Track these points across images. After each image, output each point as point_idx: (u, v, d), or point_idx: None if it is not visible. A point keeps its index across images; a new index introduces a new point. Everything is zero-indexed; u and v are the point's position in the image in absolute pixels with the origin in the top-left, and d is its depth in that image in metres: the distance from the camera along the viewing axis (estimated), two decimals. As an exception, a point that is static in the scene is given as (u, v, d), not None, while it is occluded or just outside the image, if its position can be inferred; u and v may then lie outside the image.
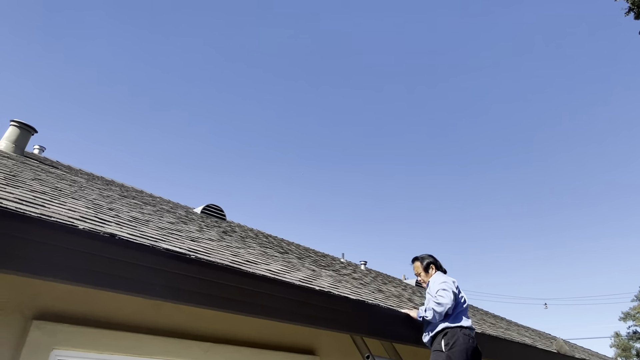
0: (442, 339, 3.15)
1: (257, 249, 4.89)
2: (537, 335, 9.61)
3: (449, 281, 3.36)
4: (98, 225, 2.28)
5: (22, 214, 1.73)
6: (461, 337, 3.11)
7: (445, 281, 3.36)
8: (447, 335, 3.15)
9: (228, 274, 2.31)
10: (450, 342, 3.09)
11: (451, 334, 3.14)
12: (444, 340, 3.14)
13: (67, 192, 3.54)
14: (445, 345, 3.10)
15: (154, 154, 42.39)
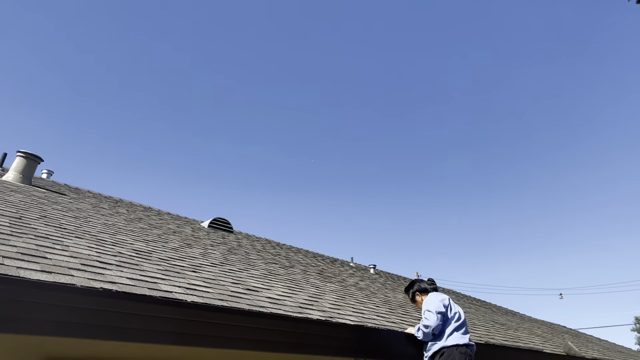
0: (439, 359, 3.20)
1: (261, 269, 4.97)
2: (551, 330, 9.58)
3: (436, 301, 3.42)
4: (98, 274, 2.38)
5: (18, 279, 1.82)
6: (457, 356, 3.15)
7: (433, 302, 3.44)
8: (444, 355, 3.20)
9: (224, 314, 2.39)
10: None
11: (447, 354, 3.18)
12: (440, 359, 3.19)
13: (71, 229, 3.65)
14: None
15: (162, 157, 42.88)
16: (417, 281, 3.86)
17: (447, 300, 3.49)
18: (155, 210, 8.37)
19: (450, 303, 3.49)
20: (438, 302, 3.40)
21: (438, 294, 3.58)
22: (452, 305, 3.48)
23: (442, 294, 3.58)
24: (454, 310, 3.44)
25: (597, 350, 7.87)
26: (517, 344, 5.09)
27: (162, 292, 2.35)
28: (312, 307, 3.40)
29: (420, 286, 3.79)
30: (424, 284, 3.80)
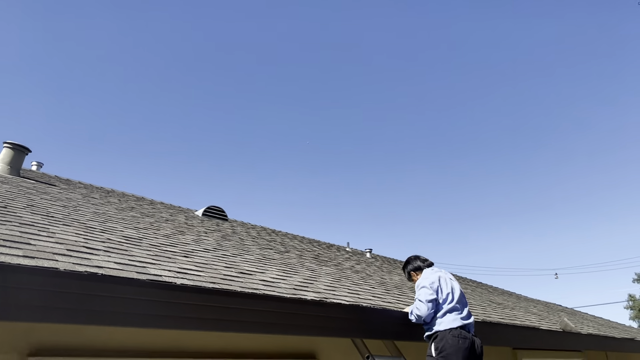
0: (433, 344, 3.16)
1: (255, 254, 4.93)
2: (546, 309, 9.67)
3: (426, 286, 3.34)
4: (84, 259, 2.32)
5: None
6: (450, 340, 3.08)
7: (423, 286, 3.36)
8: (437, 339, 3.15)
9: (215, 295, 2.34)
10: (440, 346, 3.09)
11: (440, 338, 3.13)
12: (434, 344, 3.15)
13: (59, 217, 3.58)
14: (435, 350, 3.11)
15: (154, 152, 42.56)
16: (412, 259, 3.81)
17: (438, 280, 3.39)
18: (148, 199, 8.28)
19: (441, 283, 3.38)
20: (428, 287, 3.32)
21: (431, 274, 3.50)
22: (444, 286, 3.37)
23: (434, 273, 3.50)
24: (446, 291, 3.34)
25: (592, 327, 7.95)
26: (513, 321, 5.11)
27: (150, 276, 2.30)
28: (306, 289, 3.37)
29: (414, 265, 3.75)
30: (417, 262, 3.74)
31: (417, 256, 3.83)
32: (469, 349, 3.09)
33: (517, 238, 70.57)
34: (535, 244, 69.79)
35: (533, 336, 4.98)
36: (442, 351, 3.06)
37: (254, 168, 46.54)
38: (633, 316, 44.42)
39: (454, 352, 3.03)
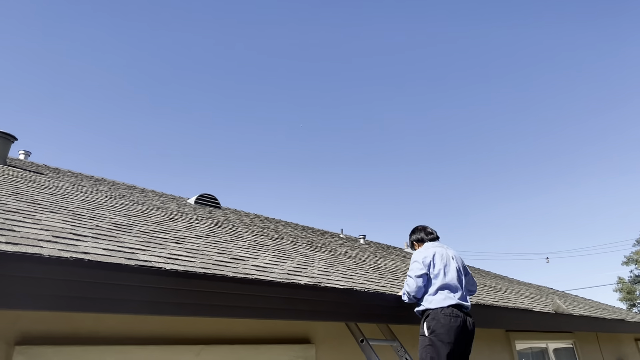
0: (425, 322, 3.12)
1: (249, 240, 4.89)
2: (538, 292, 9.78)
3: (419, 261, 3.28)
4: (70, 245, 2.25)
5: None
6: (442, 319, 3.03)
7: (416, 260, 3.31)
8: (429, 318, 3.11)
9: (206, 281, 2.29)
10: (431, 325, 3.05)
11: (432, 317, 3.08)
12: (426, 324, 3.10)
13: (45, 204, 3.49)
14: (427, 329, 3.07)
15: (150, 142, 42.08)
16: (417, 229, 3.69)
17: (432, 256, 3.29)
18: (139, 188, 8.18)
19: (435, 258, 3.28)
20: (419, 262, 3.26)
21: (427, 248, 3.40)
22: (438, 261, 3.26)
23: (432, 248, 3.40)
24: (439, 266, 3.23)
25: (583, 309, 8.05)
26: (507, 304, 5.14)
27: (139, 262, 2.24)
28: (300, 274, 3.34)
29: (418, 235, 3.65)
30: (422, 233, 3.63)
31: (423, 227, 3.69)
32: (461, 327, 3.04)
33: (508, 223, 71.29)
34: (527, 229, 70.61)
35: (526, 318, 5.02)
36: (434, 331, 3.02)
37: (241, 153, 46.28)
38: (621, 298, 45.32)
39: (446, 332, 2.99)
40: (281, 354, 3.16)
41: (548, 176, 62.17)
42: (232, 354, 2.89)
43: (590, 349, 7.50)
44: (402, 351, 3.53)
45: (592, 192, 63.29)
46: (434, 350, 2.98)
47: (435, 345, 2.98)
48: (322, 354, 3.44)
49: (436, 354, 2.97)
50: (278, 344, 3.20)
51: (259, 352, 3.04)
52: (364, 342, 3.28)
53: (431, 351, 2.99)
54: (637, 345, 9.49)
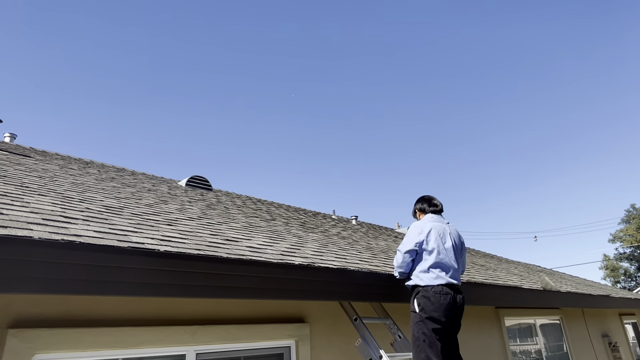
0: (415, 300, 3.13)
1: (241, 222, 4.88)
2: (527, 270, 9.96)
3: (413, 235, 3.27)
4: (61, 228, 2.22)
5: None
6: (432, 297, 3.05)
7: (409, 235, 3.30)
8: (419, 295, 3.12)
9: (200, 262, 2.29)
10: (421, 303, 3.07)
11: (422, 294, 3.09)
12: (416, 300, 3.12)
13: (34, 187, 3.44)
14: (417, 306, 3.09)
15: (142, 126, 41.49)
16: (422, 199, 3.65)
17: (427, 232, 3.23)
18: (129, 170, 8.08)
19: (430, 235, 3.23)
20: (412, 237, 3.25)
21: (425, 223, 3.35)
22: (432, 238, 3.22)
23: (429, 223, 3.34)
24: (432, 244, 3.19)
25: (570, 286, 8.24)
26: (496, 281, 5.23)
27: (132, 244, 2.22)
28: (294, 255, 3.34)
29: (421, 205, 3.62)
30: (425, 204, 3.59)
31: (429, 198, 3.63)
32: (451, 304, 3.06)
33: (496, 202, 72.17)
34: (515, 208, 71.61)
35: (515, 295, 5.12)
36: (424, 308, 3.04)
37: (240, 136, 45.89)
38: (606, 275, 46.49)
39: (435, 310, 3.01)
40: (276, 333, 3.20)
41: (537, 158, 62.75)
42: (226, 333, 2.91)
43: (576, 324, 7.71)
44: (395, 328, 3.59)
45: (579, 171, 64.14)
46: (425, 327, 3.02)
47: (426, 323, 3.02)
48: (316, 333, 3.48)
49: (428, 331, 3.01)
50: (272, 323, 3.22)
51: (253, 331, 3.07)
52: (357, 320, 3.32)
53: (423, 327, 3.03)
54: (621, 320, 9.77)
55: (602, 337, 8.47)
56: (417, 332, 3.06)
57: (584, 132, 59.03)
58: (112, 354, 2.45)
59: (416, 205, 3.68)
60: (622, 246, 46.44)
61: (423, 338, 3.00)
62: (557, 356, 6.91)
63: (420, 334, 3.02)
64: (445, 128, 57.91)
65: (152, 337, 2.57)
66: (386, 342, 3.53)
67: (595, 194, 65.66)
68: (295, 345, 3.31)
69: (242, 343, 3.00)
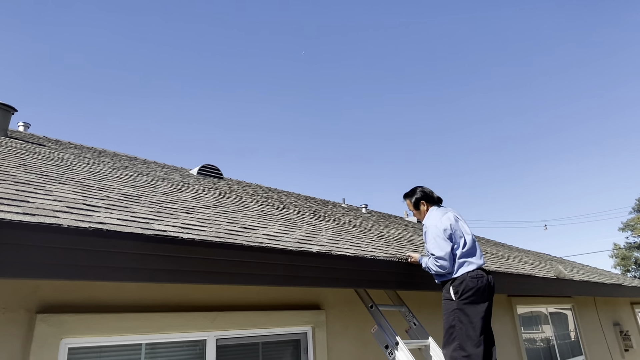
0: (451, 287, 3.10)
1: (255, 210, 4.91)
2: (538, 259, 9.94)
3: (440, 228, 3.19)
4: (86, 215, 2.26)
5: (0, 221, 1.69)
6: (470, 283, 3.04)
7: (437, 227, 3.19)
8: (455, 282, 3.09)
9: (222, 249, 2.31)
10: (460, 290, 3.04)
11: (459, 282, 3.07)
12: (453, 288, 3.09)
13: (53, 176, 3.48)
14: (454, 293, 3.06)
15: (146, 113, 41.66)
16: (422, 193, 3.54)
17: (450, 227, 3.20)
18: (141, 159, 8.15)
19: (454, 229, 3.22)
20: (441, 231, 3.15)
21: (441, 217, 3.29)
22: (457, 231, 3.22)
23: (445, 217, 3.29)
24: (459, 235, 3.21)
25: (582, 274, 8.21)
26: (510, 270, 5.23)
27: (155, 231, 2.25)
28: (310, 242, 3.37)
29: (424, 198, 3.51)
30: (427, 196, 3.51)
31: (428, 190, 3.57)
32: (486, 285, 3.09)
33: (506, 190, 71.72)
34: (524, 196, 71.13)
35: (528, 284, 5.11)
36: (464, 294, 3.02)
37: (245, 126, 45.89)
38: (616, 264, 46.21)
39: (475, 293, 3.02)
40: (293, 319, 3.24)
41: (546, 145, 62.03)
42: (245, 319, 2.96)
43: (588, 312, 7.70)
44: (410, 316, 3.62)
45: (590, 159, 63.38)
46: (462, 313, 3.00)
47: (464, 309, 3.00)
48: (332, 319, 3.52)
49: (466, 317, 2.99)
50: (290, 310, 3.27)
51: (271, 317, 3.11)
52: (373, 307, 3.35)
53: (460, 314, 3.01)
54: (632, 309, 9.74)
55: (614, 325, 8.46)
56: (452, 320, 3.03)
57: (595, 119, 58.18)
58: (136, 339, 2.50)
59: (418, 194, 3.55)
60: (632, 235, 46.05)
61: (460, 326, 2.99)
62: (568, 344, 6.92)
63: (457, 322, 3.01)
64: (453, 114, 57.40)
65: (173, 323, 2.62)
66: (401, 330, 3.56)
67: (606, 182, 64.96)
68: (312, 331, 3.35)
69: (261, 329, 3.05)
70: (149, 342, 2.56)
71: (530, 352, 5.84)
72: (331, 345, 3.44)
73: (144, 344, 2.55)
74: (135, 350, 2.51)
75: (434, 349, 3.36)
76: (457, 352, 2.95)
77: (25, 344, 2.11)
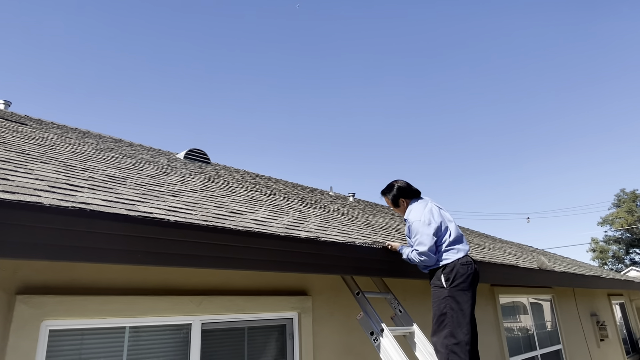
0: (442, 275, 3.11)
1: (243, 195, 4.86)
2: (521, 250, 10.11)
3: (425, 223, 3.17)
4: (68, 195, 2.19)
5: (-23, 197, 1.62)
6: (460, 269, 3.07)
7: (420, 222, 3.18)
8: (446, 269, 3.11)
9: (209, 232, 2.27)
10: (451, 277, 3.06)
11: (450, 268, 3.09)
12: (444, 276, 3.10)
13: (35, 155, 3.38)
14: (446, 280, 3.07)
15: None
16: (398, 185, 3.47)
17: (434, 218, 3.21)
18: (126, 141, 7.99)
19: (437, 219, 3.22)
20: (426, 230, 3.14)
21: (423, 209, 3.28)
22: (440, 220, 3.23)
23: (426, 209, 3.28)
24: (444, 226, 3.24)
25: (563, 266, 8.39)
26: (493, 260, 5.30)
27: (140, 213, 2.20)
28: (298, 228, 3.35)
29: (402, 191, 3.45)
30: (407, 190, 3.46)
31: (406, 183, 3.51)
32: (474, 274, 3.13)
33: (489, 183, 72.70)
34: (504, 189, 72.25)
35: (511, 274, 5.19)
36: (455, 280, 3.04)
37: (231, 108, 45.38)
38: (594, 257, 47.45)
39: (465, 280, 3.05)
40: (279, 305, 3.23)
41: (529, 138, 62.86)
42: (231, 304, 2.94)
43: (567, 303, 7.89)
44: (396, 303, 3.64)
45: (573, 152, 64.48)
46: (454, 300, 3.02)
47: (455, 296, 3.02)
48: (318, 306, 3.52)
49: (456, 304, 3.01)
50: (276, 295, 3.25)
51: (257, 303, 3.09)
52: (359, 294, 3.36)
53: (451, 302, 3.02)
54: (609, 300, 10.01)
55: (591, 316, 8.68)
56: (443, 308, 3.04)
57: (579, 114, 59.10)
58: (119, 322, 2.46)
59: (396, 191, 3.47)
60: (611, 229, 47.23)
61: (451, 313, 3.00)
62: (547, 333, 7.09)
63: (448, 309, 3.02)
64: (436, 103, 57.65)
65: (158, 306, 2.58)
66: (387, 317, 3.59)
67: (588, 176, 66.31)
68: (297, 317, 3.35)
69: (247, 314, 3.03)
70: (132, 325, 2.52)
71: (510, 340, 5.97)
72: (317, 331, 3.44)
73: (127, 327, 2.51)
74: (119, 334, 2.47)
75: (419, 336, 3.39)
76: (448, 340, 2.98)
77: (5, 325, 2.06)
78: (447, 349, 2.97)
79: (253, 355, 3.07)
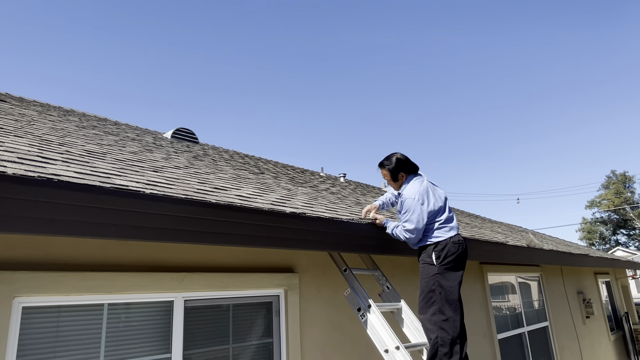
0: (433, 252, 3.08)
1: (230, 173, 4.77)
2: (510, 229, 10.17)
3: (419, 201, 3.10)
4: (39, 167, 2.08)
5: None
6: (452, 248, 3.05)
7: (415, 200, 3.10)
8: (437, 247, 3.08)
9: (188, 206, 2.19)
10: (442, 255, 3.03)
11: (442, 247, 3.06)
12: (435, 253, 3.06)
13: (9, 129, 3.24)
14: (437, 258, 3.04)
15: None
16: (400, 161, 3.32)
17: (428, 198, 3.14)
18: (112, 120, 7.80)
19: (429, 197, 3.15)
20: (419, 208, 3.08)
21: (418, 188, 3.18)
22: (432, 199, 3.16)
23: (422, 184, 3.21)
24: (438, 204, 3.18)
25: (551, 245, 8.45)
26: (482, 237, 5.29)
27: (115, 185, 2.11)
28: (284, 205, 3.27)
29: (403, 162, 3.31)
30: (406, 164, 3.32)
31: (406, 157, 3.36)
32: (464, 252, 3.14)
33: (480, 163, 73.16)
34: (498, 170, 72.78)
35: (500, 251, 5.19)
36: (446, 258, 3.02)
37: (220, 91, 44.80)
38: (583, 237, 48.29)
39: (456, 259, 3.05)
40: (265, 282, 3.18)
41: (521, 118, 62.99)
42: (215, 281, 2.88)
43: (555, 281, 7.97)
44: (384, 280, 3.61)
45: (564, 134, 64.86)
46: (443, 278, 3.01)
47: (444, 274, 3.01)
48: (305, 282, 3.48)
49: (446, 282, 3.00)
50: (262, 272, 3.20)
51: (242, 280, 3.03)
52: (347, 271, 3.32)
53: (440, 279, 3.00)
54: (595, 278, 10.16)
55: (578, 294, 8.81)
56: (432, 285, 3.02)
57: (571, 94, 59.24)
58: (97, 299, 2.39)
59: (392, 164, 3.33)
60: (599, 211, 47.97)
61: (439, 290, 2.98)
62: (534, 311, 7.17)
63: (437, 287, 2.99)
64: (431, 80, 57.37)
65: (138, 283, 2.51)
66: (374, 293, 3.56)
67: (578, 158, 66.93)
68: (284, 294, 3.30)
69: (231, 291, 2.97)
70: (111, 302, 2.45)
71: (498, 318, 6.02)
72: (304, 307, 3.41)
73: (106, 304, 2.44)
74: (97, 311, 2.40)
75: (406, 312, 3.37)
76: (436, 316, 2.96)
77: (-27, 301, 1.97)
78: (436, 325, 2.96)
79: (238, 332, 3.03)
